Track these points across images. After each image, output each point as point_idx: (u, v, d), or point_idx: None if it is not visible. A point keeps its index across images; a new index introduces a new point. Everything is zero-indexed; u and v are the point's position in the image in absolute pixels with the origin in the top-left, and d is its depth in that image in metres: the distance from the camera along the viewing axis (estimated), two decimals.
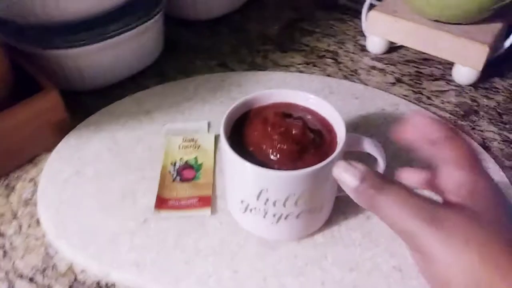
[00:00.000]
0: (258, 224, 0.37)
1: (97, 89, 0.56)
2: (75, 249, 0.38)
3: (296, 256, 0.38)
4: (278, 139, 0.34)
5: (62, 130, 0.49)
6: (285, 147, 0.33)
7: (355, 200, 0.28)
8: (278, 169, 0.33)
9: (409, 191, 0.26)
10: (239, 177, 0.34)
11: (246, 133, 0.36)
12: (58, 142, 0.49)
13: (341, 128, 0.35)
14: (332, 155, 0.32)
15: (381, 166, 0.37)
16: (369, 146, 0.36)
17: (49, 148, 0.49)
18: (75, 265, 0.39)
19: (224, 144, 0.34)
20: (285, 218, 0.35)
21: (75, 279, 0.38)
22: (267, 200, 0.34)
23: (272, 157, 0.34)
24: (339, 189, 0.34)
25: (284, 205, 0.34)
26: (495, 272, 0.23)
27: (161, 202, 0.41)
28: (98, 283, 0.38)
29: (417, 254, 0.25)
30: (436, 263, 0.24)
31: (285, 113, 0.36)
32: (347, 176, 0.28)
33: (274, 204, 0.34)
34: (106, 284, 0.38)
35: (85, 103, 0.54)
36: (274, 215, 0.35)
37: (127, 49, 0.55)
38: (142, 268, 0.37)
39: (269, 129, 0.35)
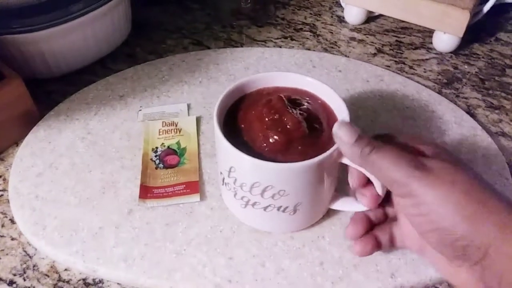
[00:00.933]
0: (231, 202, 0.36)
1: (63, 75, 0.52)
2: (57, 247, 0.36)
3: (292, 238, 0.36)
4: (268, 124, 0.32)
5: (29, 122, 0.46)
6: (271, 134, 0.32)
7: (346, 155, 0.30)
8: (251, 152, 0.31)
9: (399, 149, 0.29)
10: (218, 147, 0.34)
11: (245, 110, 0.35)
12: (25, 135, 0.45)
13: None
14: (308, 161, 0.30)
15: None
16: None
17: (15, 142, 0.46)
18: (58, 264, 0.36)
19: (215, 112, 0.33)
20: (253, 205, 0.33)
21: (59, 279, 0.35)
22: (236, 180, 0.33)
23: (257, 141, 0.32)
24: (332, 199, 0.36)
25: (250, 191, 0.32)
26: (479, 207, 0.26)
27: (146, 192, 0.39)
28: (84, 281, 0.35)
29: (408, 200, 0.28)
30: (427, 205, 0.27)
31: (293, 100, 0.34)
32: (345, 132, 0.30)
33: (241, 186, 0.33)
34: (94, 281, 0.35)
35: (51, 91, 0.51)
36: (242, 198, 0.33)
37: (92, 31, 0.51)
38: (130, 263, 0.35)
39: (264, 111, 0.33)
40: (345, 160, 0.31)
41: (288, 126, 0.32)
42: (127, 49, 0.57)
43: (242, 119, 0.34)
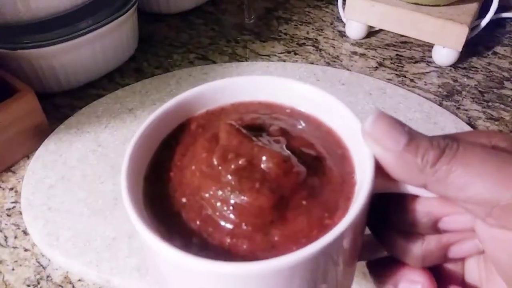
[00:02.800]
0: None
1: (72, 89, 0.53)
2: (70, 257, 0.36)
3: None
4: (234, 182, 0.19)
5: (39, 135, 0.47)
6: (245, 199, 0.18)
7: (393, 171, 0.18)
8: (234, 254, 0.17)
9: (484, 149, 0.18)
10: (159, 274, 0.19)
11: (176, 169, 0.21)
12: (35, 148, 0.46)
13: (366, 156, 0.19)
14: (347, 218, 0.17)
15: None
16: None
17: (26, 155, 0.46)
18: (71, 274, 0.37)
19: (125, 199, 0.19)
20: None
21: None
22: None
23: (222, 222, 0.19)
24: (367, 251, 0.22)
25: None
26: None
27: None
28: None
29: (509, 235, 0.17)
30: None
31: (255, 124, 0.21)
32: (385, 130, 0.18)
33: None
34: None
35: (59, 105, 0.52)
36: None
37: (101, 46, 0.53)
38: (144, 272, 0.35)
39: (216, 161, 0.19)
40: (387, 186, 0.18)
41: (269, 172, 0.19)
42: (134, 64, 0.58)
43: (178, 188, 0.20)
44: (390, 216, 0.20)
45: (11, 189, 0.43)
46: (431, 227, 0.19)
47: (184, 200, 0.19)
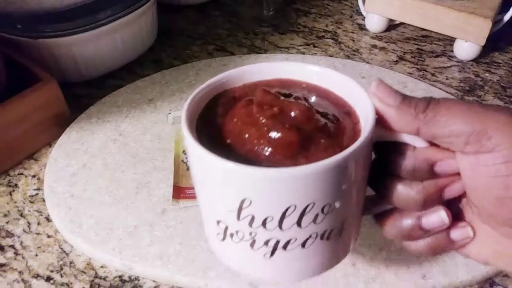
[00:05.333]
0: (245, 258, 0.25)
1: (92, 79, 0.53)
2: (93, 244, 0.37)
3: None
4: (269, 124, 0.24)
5: (61, 124, 0.47)
6: (279, 135, 0.23)
7: (392, 121, 0.23)
8: (268, 166, 0.22)
9: (459, 100, 0.24)
10: (211, 185, 0.24)
11: (223, 121, 0.26)
12: (57, 136, 0.46)
13: (367, 108, 0.24)
14: (355, 144, 0.22)
15: None
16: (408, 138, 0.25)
17: (48, 142, 0.47)
18: (94, 261, 0.37)
19: (186, 135, 0.24)
20: (284, 247, 0.24)
21: (96, 275, 0.36)
22: (253, 218, 0.23)
23: (259, 150, 0.23)
24: (370, 205, 0.27)
25: (279, 225, 0.23)
26: None
27: (178, 192, 0.40)
28: (120, 278, 0.36)
29: (487, 156, 0.22)
30: (499, 153, 0.21)
31: (280, 92, 0.26)
32: (385, 92, 0.24)
33: (263, 224, 0.23)
34: (130, 278, 0.36)
35: (79, 95, 0.52)
36: (266, 243, 0.24)
37: (121, 37, 0.53)
38: (166, 260, 0.36)
39: (255, 110, 0.24)
40: (388, 135, 0.24)
41: (296, 117, 0.24)
42: (152, 55, 0.58)
43: (222, 134, 0.25)
44: (394, 167, 0.24)
45: (34, 176, 0.44)
46: (428, 172, 0.24)
47: (228, 141, 0.24)
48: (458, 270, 0.35)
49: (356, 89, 0.26)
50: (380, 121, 0.24)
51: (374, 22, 0.60)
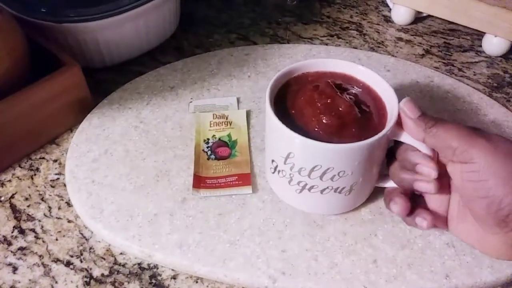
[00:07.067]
0: (284, 189, 0.37)
1: (114, 65, 0.53)
2: (114, 231, 0.37)
3: (345, 234, 0.37)
4: (322, 109, 0.33)
5: (83, 109, 0.47)
6: (325, 118, 0.33)
7: (409, 129, 0.32)
8: (311, 138, 0.32)
9: (459, 124, 0.31)
10: (272, 135, 0.35)
11: (293, 96, 0.35)
12: (79, 122, 0.47)
13: (393, 114, 0.33)
14: (372, 138, 0.31)
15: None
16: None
17: (69, 128, 0.47)
18: (113, 247, 0.37)
19: (267, 98, 0.34)
20: (309, 189, 0.34)
21: (115, 262, 0.36)
22: (293, 165, 0.33)
23: (310, 125, 0.33)
24: (379, 178, 0.37)
25: (309, 175, 0.33)
26: None
27: (199, 181, 0.40)
28: (139, 265, 0.36)
29: (466, 166, 0.30)
30: (482, 171, 0.29)
31: (339, 85, 0.35)
32: (410, 107, 0.32)
33: (299, 171, 0.33)
34: (149, 266, 0.36)
35: (101, 80, 0.52)
36: (298, 183, 0.34)
37: (144, 23, 0.52)
38: (185, 249, 0.36)
39: (315, 96, 0.34)
40: (403, 137, 0.33)
41: (341, 110, 0.33)
42: (174, 42, 0.57)
43: (290, 105, 0.35)
44: (403, 162, 0.33)
45: (55, 161, 0.44)
46: (412, 167, 0.33)
47: (292, 111, 0.34)
48: (482, 271, 0.34)
49: (393, 99, 0.34)
50: (400, 126, 0.33)
51: (401, 14, 0.58)
